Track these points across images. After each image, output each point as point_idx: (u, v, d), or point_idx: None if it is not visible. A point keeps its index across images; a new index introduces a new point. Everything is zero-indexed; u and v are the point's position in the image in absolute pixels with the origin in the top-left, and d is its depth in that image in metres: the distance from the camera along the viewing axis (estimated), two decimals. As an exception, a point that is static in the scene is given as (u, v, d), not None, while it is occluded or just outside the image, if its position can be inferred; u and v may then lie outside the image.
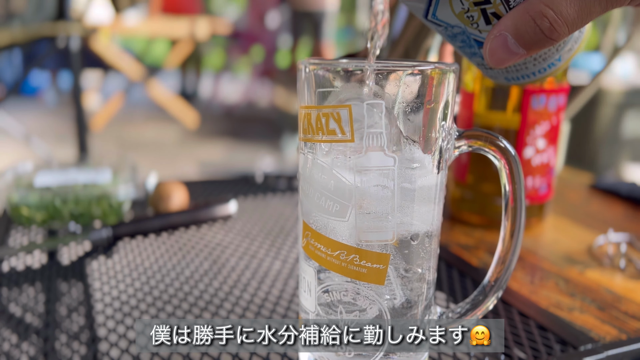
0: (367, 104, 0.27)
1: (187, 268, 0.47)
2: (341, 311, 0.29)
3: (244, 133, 3.22)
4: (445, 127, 0.29)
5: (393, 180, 0.27)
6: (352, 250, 0.28)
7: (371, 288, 0.29)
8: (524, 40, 0.25)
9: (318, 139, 0.28)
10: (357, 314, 0.29)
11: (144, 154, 2.70)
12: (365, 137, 0.27)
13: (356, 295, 0.29)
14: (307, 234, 0.30)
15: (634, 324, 0.39)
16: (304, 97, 0.29)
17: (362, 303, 0.29)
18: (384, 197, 0.28)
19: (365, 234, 0.28)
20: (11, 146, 2.58)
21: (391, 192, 0.28)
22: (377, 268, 0.28)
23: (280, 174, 0.74)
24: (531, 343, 0.36)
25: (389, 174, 0.27)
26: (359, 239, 0.28)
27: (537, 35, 0.25)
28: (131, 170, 0.63)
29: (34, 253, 0.50)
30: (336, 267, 0.29)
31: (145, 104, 3.89)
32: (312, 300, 0.30)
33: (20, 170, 0.61)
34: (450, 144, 0.29)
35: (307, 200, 0.30)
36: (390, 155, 0.27)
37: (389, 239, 0.28)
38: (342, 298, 0.29)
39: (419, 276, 0.30)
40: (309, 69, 0.28)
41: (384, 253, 0.28)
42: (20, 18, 1.87)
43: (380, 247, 0.28)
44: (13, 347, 0.35)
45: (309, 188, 0.29)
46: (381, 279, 0.28)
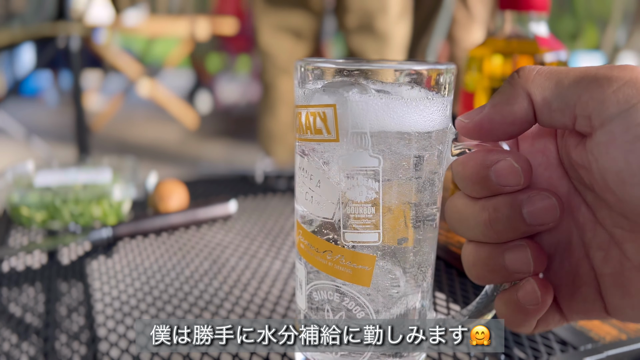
0: (353, 103, 0.26)
1: (187, 268, 0.47)
2: (328, 310, 0.29)
3: (244, 133, 3.22)
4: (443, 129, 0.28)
5: (378, 181, 0.27)
6: (338, 251, 0.28)
7: (357, 289, 0.28)
8: None
9: (307, 138, 0.28)
10: (343, 314, 0.29)
11: (144, 154, 2.69)
12: (349, 137, 0.27)
13: (342, 296, 0.29)
14: (299, 232, 0.30)
15: (634, 324, 0.39)
16: (297, 96, 0.29)
17: (348, 304, 0.29)
18: (369, 199, 0.27)
19: (350, 234, 0.28)
20: (11, 146, 2.58)
21: (376, 193, 0.27)
22: (362, 269, 0.28)
23: (280, 174, 0.74)
24: (531, 343, 0.36)
25: (373, 174, 0.27)
26: (345, 239, 0.28)
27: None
28: (131, 170, 0.63)
29: (34, 253, 0.50)
30: (323, 266, 0.28)
31: (145, 104, 3.88)
32: (303, 298, 0.30)
33: (20, 170, 0.61)
34: (447, 147, 0.29)
35: (299, 198, 0.30)
36: (374, 156, 0.27)
37: (375, 241, 0.28)
38: (329, 297, 0.29)
39: (411, 280, 0.29)
40: (304, 68, 0.28)
41: (370, 255, 0.28)
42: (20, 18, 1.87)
43: (366, 249, 0.28)
44: (13, 347, 0.35)
45: (300, 186, 0.29)
46: (367, 280, 0.28)
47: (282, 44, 1.56)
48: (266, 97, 1.64)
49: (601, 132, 0.21)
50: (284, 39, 1.56)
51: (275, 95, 1.60)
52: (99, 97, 3.98)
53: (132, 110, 3.81)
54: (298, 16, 1.54)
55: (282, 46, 1.56)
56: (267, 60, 1.61)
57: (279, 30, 1.55)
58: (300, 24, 1.55)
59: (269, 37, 1.56)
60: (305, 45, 1.58)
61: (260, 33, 1.57)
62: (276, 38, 1.56)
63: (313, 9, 1.53)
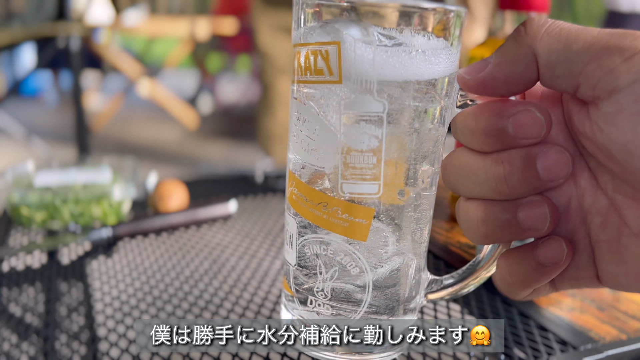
0: (358, 42, 0.24)
1: (187, 268, 0.47)
2: (320, 266, 0.28)
3: (244, 133, 3.22)
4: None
5: (382, 128, 0.25)
6: (335, 203, 0.26)
7: (352, 244, 0.27)
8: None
9: (306, 80, 0.26)
10: (336, 270, 0.27)
11: (144, 154, 2.69)
12: (353, 79, 0.24)
13: (335, 251, 0.27)
14: (292, 183, 0.28)
15: (634, 324, 0.39)
16: (296, 36, 0.27)
17: (342, 259, 0.27)
18: (370, 147, 0.25)
19: (348, 185, 0.26)
20: (11, 146, 2.58)
21: (379, 141, 0.25)
22: (359, 223, 0.26)
23: (280, 174, 0.74)
24: (531, 343, 0.36)
25: (377, 120, 0.25)
26: (342, 190, 0.26)
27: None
28: (131, 170, 0.63)
29: (34, 253, 0.50)
30: (317, 219, 0.27)
31: (145, 104, 3.88)
32: (293, 252, 0.29)
33: (20, 170, 0.61)
34: (453, 99, 0.26)
35: (293, 147, 0.28)
36: (379, 100, 0.25)
37: (374, 193, 0.26)
38: (322, 252, 0.27)
39: (408, 236, 0.28)
40: (305, 4, 0.26)
41: (368, 207, 0.26)
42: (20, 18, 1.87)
43: (364, 201, 0.26)
44: (13, 347, 0.35)
45: (295, 134, 0.28)
46: (363, 234, 0.26)
47: (281, 44, 1.56)
48: (265, 97, 1.64)
49: (608, 102, 0.20)
50: (282, 39, 1.56)
51: (274, 96, 1.60)
52: (98, 97, 3.98)
53: (132, 110, 3.81)
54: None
55: (281, 46, 1.56)
56: (265, 61, 1.61)
57: (278, 31, 1.55)
58: None
59: (268, 37, 1.56)
60: None
61: (258, 33, 1.57)
62: (275, 38, 1.56)
63: None
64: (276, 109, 1.60)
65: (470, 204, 0.24)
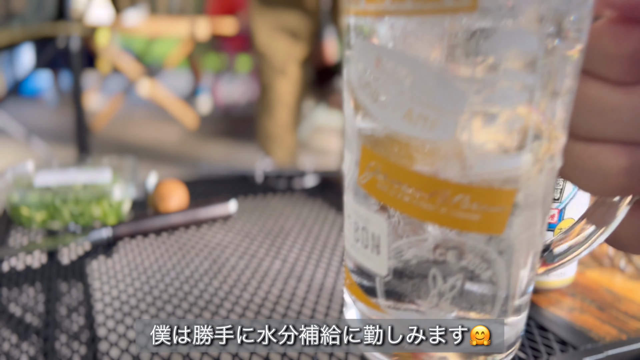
0: None
1: (187, 268, 0.47)
2: (435, 277, 0.21)
3: (244, 133, 3.22)
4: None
5: (534, 73, 0.17)
6: (459, 189, 0.19)
7: (483, 240, 0.20)
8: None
9: (405, 9, 0.17)
10: (460, 279, 0.21)
11: (144, 154, 2.69)
12: (496, 3, 0.16)
13: (459, 253, 0.20)
14: (373, 165, 0.20)
15: (634, 324, 0.39)
16: None
17: (469, 263, 0.21)
18: (519, 101, 0.18)
19: (482, 161, 0.18)
20: (11, 146, 2.58)
21: (530, 92, 0.18)
22: (495, 212, 0.19)
23: (280, 174, 0.74)
24: (531, 343, 0.36)
25: (530, 63, 0.17)
26: (472, 169, 0.19)
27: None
28: (131, 170, 0.63)
29: (34, 253, 0.50)
30: (430, 214, 0.19)
31: (145, 104, 3.88)
32: (382, 260, 0.22)
33: (20, 170, 0.61)
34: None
35: (377, 114, 0.20)
36: (532, 34, 0.17)
37: (518, 167, 0.19)
38: (438, 258, 0.21)
39: (543, 217, 0.21)
40: None
41: (508, 189, 0.19)
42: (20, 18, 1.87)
43: (501, 181, 0.19)
44: (13, 347, 0.35)
45: (381, 95, 0.19)
46: (500, 225, 0.19)
47: (279, 45, 1.56)
48: (263, 98, 1.64)
49: None
50: (280, 40, 1.56)
51: (272, 97, 1.61)
52: (98, 97, 3.98)
53: (132, 110, 3.81)
54: (294, 16, 1.54)
55: (279, 47, 1.56)
56: (263, 62, 1.61)
57: (275, 31, 1.56)
58: (296, 24, 1.55)
59: (266, 37, 1.57)
60: (301, 46, 1.58)
61: (256, 34, 1.58)
62: (272, 38, 1.56)
63: (309, 9, 1.53)
64: (274, 110, 1.60)
65: (602, 149, 0.19)
